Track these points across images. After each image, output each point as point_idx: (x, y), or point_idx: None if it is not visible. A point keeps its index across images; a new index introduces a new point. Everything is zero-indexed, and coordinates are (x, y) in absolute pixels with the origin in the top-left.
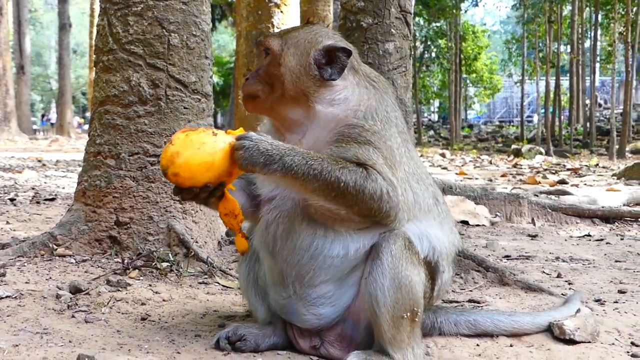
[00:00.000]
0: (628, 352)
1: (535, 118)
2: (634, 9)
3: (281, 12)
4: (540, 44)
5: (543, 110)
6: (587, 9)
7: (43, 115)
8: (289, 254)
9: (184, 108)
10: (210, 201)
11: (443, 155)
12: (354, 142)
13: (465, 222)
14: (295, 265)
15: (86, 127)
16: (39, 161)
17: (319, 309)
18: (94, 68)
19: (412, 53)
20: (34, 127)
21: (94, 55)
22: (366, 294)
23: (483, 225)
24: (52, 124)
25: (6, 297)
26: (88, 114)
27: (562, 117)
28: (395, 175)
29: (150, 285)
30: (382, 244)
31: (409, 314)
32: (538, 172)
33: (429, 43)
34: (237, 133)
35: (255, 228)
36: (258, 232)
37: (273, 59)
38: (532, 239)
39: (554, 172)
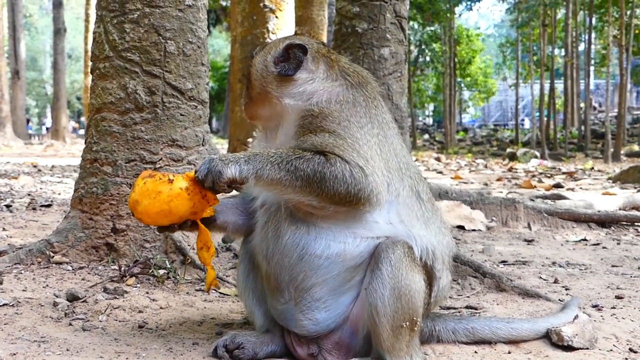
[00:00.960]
0: (626, 359)
1: (527, 123)
2: (628, 12)
3: (276, 17)
4: (535, 48)
5: (538, 114)
6: (581, 12)
7: (28, 120)
8: (279, 256)
9: (181, 115)
10: (185, 231)
11: (438, 159)
12: (310, 131)
13: (461, 227)
14: (286, 267)
15: (81, 131)
16: (35, 166)
17: (314, 313)
18: (91, 75)
19: (407, 58)
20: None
21: (91, 63)
22: (366, 303)
23: (479, 230)
24: (47, 128)
25: (3, 305)
26: (83, 119)
27: (557, 120)
28: (361, 156)
29: (147, 293)
30: (381, 253)
31: (408, 323)
32: (533, 175)
33: (423, 47)
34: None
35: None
36: (255, 239)
37: (250, 65)
38: (528, 244)
39: (549, 175)
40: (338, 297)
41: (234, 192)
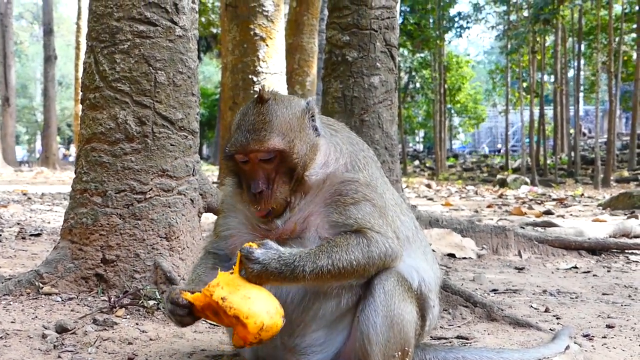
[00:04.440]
0: None
1: (502, 149)
2: (617, 39)
3: (267, 45)
4: (524, 74)
5: (528, 140)
6: (570, 39)
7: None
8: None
9: (171, 145)
10: None
11: (429, 186)
12: (351, 201)
13: (452, 255)
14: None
15: (71, 158)
16: (24, 194)
17: (309, 357)
18: (81, 105)
19: (397, 85)
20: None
21: (81, 93)
22: (357, 333)
23: (470, 258)
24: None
25: None
26: (73, 146)
27: (546, 146)
28: (388, 220)
29: (137, 324)
30: (374, 282)
31: (400, 353)
32: (524, 202)
33: (413, 74)
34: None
35: None
36: None
37: (284, 157)
38: (519, 272)
39: (539, 202)
40: (334, 337)
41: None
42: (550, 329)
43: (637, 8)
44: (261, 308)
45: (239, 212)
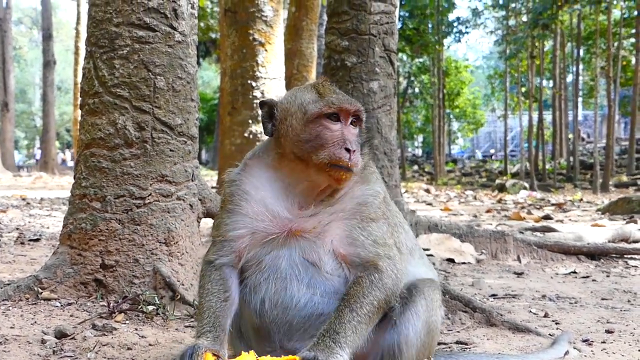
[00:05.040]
0: None
1: (495, 155)
2: (615, 44)
3: (265, 50)
4: (523, 79)
5: (527, 145)
6: (569, 44)
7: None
8: (280, 314)
9: (170, 150)
10: None
11: (428, 190)
12: (373, 216)
13: (451, 260)
14: (285, 323)
15: (70, 163)
16: (23, 199)
17: None
18: (80, 111)
19: (396, 91)
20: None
21: (80, 98)
22: (393, 334)
23: (469, 262)
24: (37, 160)
25: None
26: (72, 151)
27: (545, 151)
28: (395, 241)
29: (136, 329)
30: (414, 288)
31: (427, 359)
32: (523, 207)
33: (412, 79)
34: None
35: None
36: (245, 294)
37: (360, 129)
38: (518, 277)
39: (538, 207)
40: None
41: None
42: (550, 334)
43: (635, 13)
44: None
45: (256, 202)
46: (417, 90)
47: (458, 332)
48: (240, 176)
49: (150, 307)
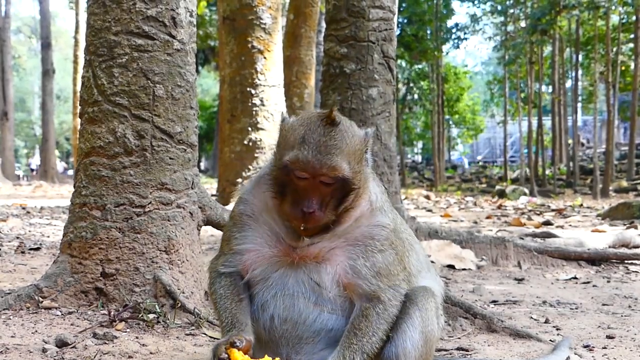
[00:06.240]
0: None
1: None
2: (614, 49)
3: (264, 58)
4: (522, 85)
5: (526, 151)
6: (568, 49)
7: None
8: (289, 329)
9: (170, 158)
10: None
11: (428, 197)
12: (379, 248)
13: (451, 266)
14: (294, 337)
15: (70, 172)
16: (23, 208)
17: None
18: (80, 120)
19: (396, 97)
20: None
21: (79, 107)
22: (390, 347)
23: (469, 269)
24: (31, 169)
25: None
26: (72, 159)
27: (545, 156)
28: (404, 267)
29: (137, 338)
30: (410, 298)
31: None
32: (523, 213)
33: (411, 85)
34: None
35: None
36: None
37: (344, 185)
38: (518, 283)
39: (538, 213)
40: None
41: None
42: (551, 340)
43: (634, 18)
44: None
45: (263, 223)
46: (416, 96)
47: (459, 338)
48: (250, 196)
49: (151, 316)
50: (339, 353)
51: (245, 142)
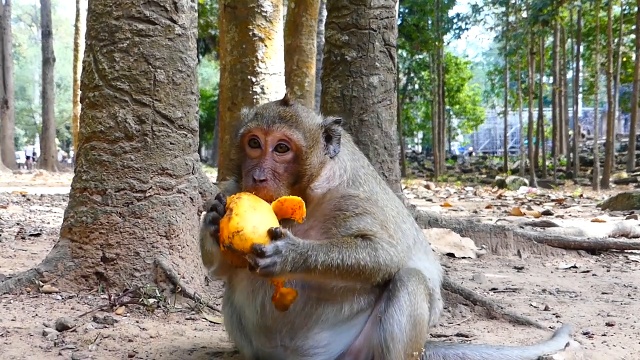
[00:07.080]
0: None
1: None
2: (615, 40)
3: (265, 46)
4: (523, 75)
5: (527, 141)
6: (569, 40)
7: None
8: (278, 316)
9: (170, 143)
10: None
11: (427, 187)
12: (353, 214)
13: (451, 255)
14: (287, 323)
15: (69, 160)
16: (24, 196)
17: (312, 358)
18: (80, 104)
19: (396, 86)
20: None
21: (80, 92)
22: (380, 331)
23: (469, 257)
24: (27, 157)
25: None
26: (72, 148)
27: (545, 147)
28: (390, 232)
29: (137, 322)
30: (397, 282)
31: (417, 352)
32: (523, 203)
33: (412, 75)
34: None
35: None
36: (241, 293)
37: (297, 158)
38: (518, 271)
39: (538, 203)
40: (340, 338)
41: None
42: (550, 327)
43: (636, 9)
44: (253, 220)
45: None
46: (416, 86)
47: (459, 324)
48: (232, 186)
49: (151, 300)
50: (320, 242)
51: None
